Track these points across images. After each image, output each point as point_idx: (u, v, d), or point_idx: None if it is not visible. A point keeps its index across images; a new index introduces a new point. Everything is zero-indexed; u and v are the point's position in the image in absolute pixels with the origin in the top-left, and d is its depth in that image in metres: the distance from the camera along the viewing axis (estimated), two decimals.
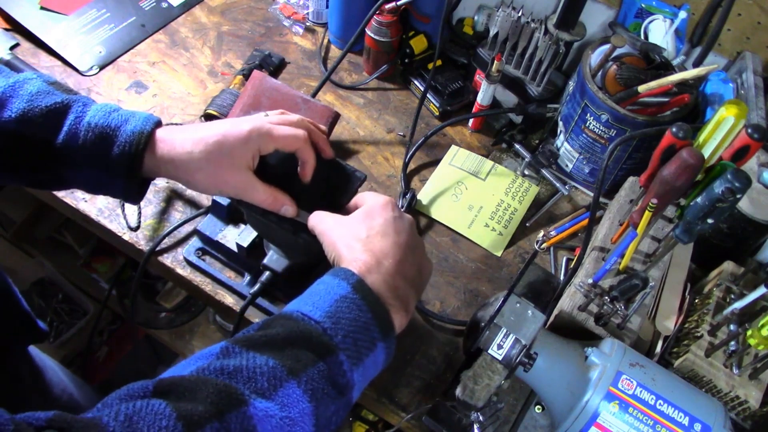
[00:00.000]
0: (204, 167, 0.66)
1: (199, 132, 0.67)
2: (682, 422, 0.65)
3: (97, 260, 1.69)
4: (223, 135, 0.66)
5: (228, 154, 0.66)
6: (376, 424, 1.40)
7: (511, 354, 0.68)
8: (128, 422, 0.41)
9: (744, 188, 0.62)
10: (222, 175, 0.67)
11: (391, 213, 0.65)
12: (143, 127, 0.66)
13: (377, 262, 0.60)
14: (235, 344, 0.51)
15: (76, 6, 1.17)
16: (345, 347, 0.53)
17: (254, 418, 0.46)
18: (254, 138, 0.66)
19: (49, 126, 0.64)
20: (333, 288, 0.57)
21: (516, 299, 0.73)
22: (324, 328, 0.53)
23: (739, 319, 0.75)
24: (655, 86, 0.92)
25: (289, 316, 0.55)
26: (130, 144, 0.65)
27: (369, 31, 1.11)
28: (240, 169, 0.67)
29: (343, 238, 0.63)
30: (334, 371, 0.52)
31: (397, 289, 0.60)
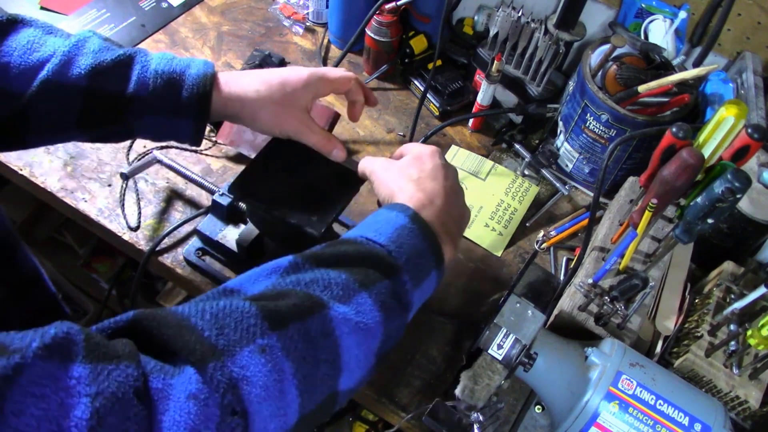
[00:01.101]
0: (268, 106, 0.70)
1: (263, 75, 0.72)
2: (682, 422, 0.65)
3: (97, 260, 1.69)
4: (286, 77, 0.71)
5: (291, 94, 0.71)
6: (376, 424, 1.40)
7: (511, 354, 0.68)
8: (215, 320, 0.43)
9: (744, 188, 0.62)
10: (284, 114, 0.71)
11: (439, 160, 0.68)
12: (206, 69, 0.69)
13: (429, 200, 0.63)
14: (304, 260, 0.53)
15: (76, 6, 1.17)
16: (408, 269, 0.57)
17: (333, 321, 0.49)
18: (313, 81, 0.72)
19: (119, 78, 0.67)
20: (392, 218, 0.60)
21: (516, 299, 0.73)
22: (389, 250, 0.57)
23: (739, 319, 0.75)
24: (655, 86, 0.92)
25: (354, 240, 0.58)
26: (198, 86, 0.68)
27: (369, 31, 1.11)
28: (300, 109, 0.72)
29: (395, 179, 0.66)
30: (399, 289, 0.56)
31: (447, 225, 0.64)
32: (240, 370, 0.42)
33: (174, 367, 0.40)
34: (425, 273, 0.59)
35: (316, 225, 0.71)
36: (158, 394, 0.38)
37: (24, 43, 0.65)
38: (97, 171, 0.99)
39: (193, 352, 0.41)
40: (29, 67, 0.64)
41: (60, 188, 0.96)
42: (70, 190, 0.96)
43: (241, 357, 0.42)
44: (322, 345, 0.48)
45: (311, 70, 0.73)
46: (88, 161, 0.99)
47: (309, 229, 0.71)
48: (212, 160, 1.03)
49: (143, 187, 0.98)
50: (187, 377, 0.39)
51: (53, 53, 0.65)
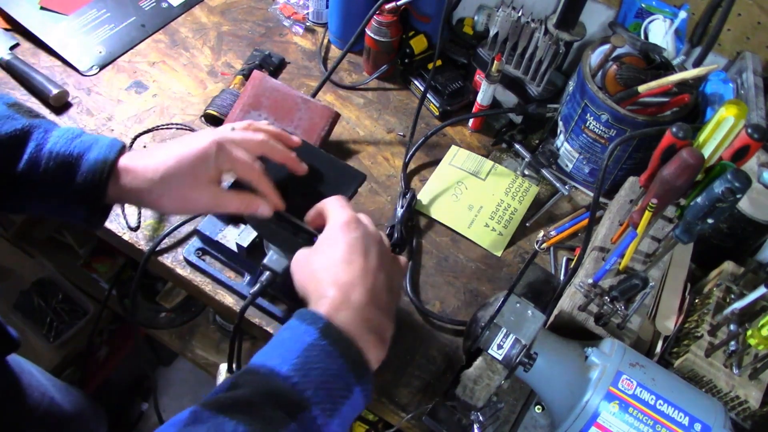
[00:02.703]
0: (167, 192, 0.65)
1: (159, 156, 0.65)
2: (682, 422, 0.65)
3: (97, 260, 1.69)
4: (182, 154, 0.65)
5: (189, 173, 0.65)
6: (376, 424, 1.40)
7: (511, 354, 0.68)
8: None
9: (744, 188, 0.62)
10: (187, 195, 0.66)
11: (353, 233, 0.61)
12: (107, 155, 0.64)
13: (345, 296, 0.57)
14: (204, 409, 0.48)
15: (76, 6, 1.17)
16: (318, 401, 0.50)
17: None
18: (211, 154, 0.65)
19: (9, 155, 0.62)
20: (300, 335, 0.54)
21: (516, 299, 0.73)
22: (293, 383, 0.50)
23: (739, 319, 0.75)
24: (655, 86, 0.92)
25: (256, 371, 0.52)
26: (93, 173, 0.63)
27: (369, 31, 1.11)
28: (203, 186, 0.66)
29: (308, 275, 0.61)
30: (309, 428, 0.49)
31: (370, 321, 0.57)
32: None
33: None
34: (343, 396, 0.52)
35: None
36: None
37: None
38: None
39: None
40: None
41: None
42: None
43: None
44: None
45: (211, 140, 0.65)
46: None
47: (306, 231, 0.71)
48: None
49: None
50: None
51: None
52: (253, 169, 0.68)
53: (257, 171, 0.69)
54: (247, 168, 0.68)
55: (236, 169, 0.68)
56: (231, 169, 0.68)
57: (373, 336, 0.56)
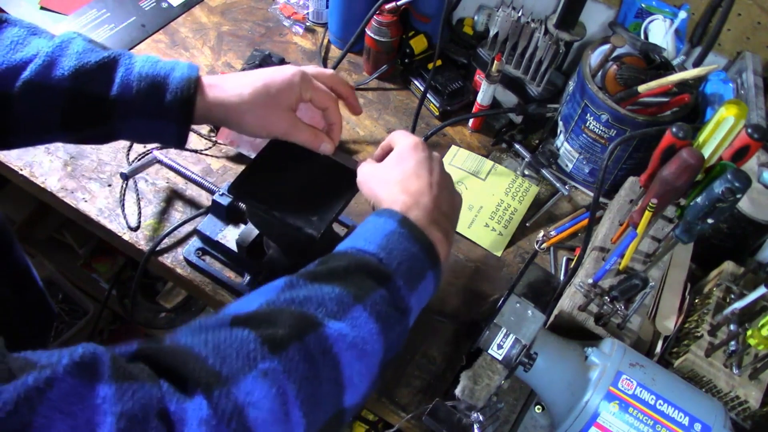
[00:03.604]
0: (253, 110, 0.70)
1: (247, 78, 0.71)
2: (682, 422, 0.65)
3: (97, 260, 1.69)
4: (269, 79, 0.71)
5: (275, 96, 0.70)
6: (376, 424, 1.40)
7: (511, 354, 0.68)
8: (217, 349, 0.44)
9: (744, 188, 0.62)
10: (269, 117, 0.71)
11: (422, 153, 0.67)
12: (190, 73, 0.69)
13: (415, 200, 0.63)
14: (299, 278, 0.54)
15: (76, 6, 1.17)
16: (401, 274, 0.57)
17: (330, 338, 0.49)
18: (297, 82, 0.71)
19: (103, 80, 0.66)
20: (381, 225, 0.60)
21: (516, 299, 0.73)
22: (380, 258, 0.57)
23: (739, 319, 0.75)
24: (655, 86, 0.92)
25: (345, 252, 0.58)
26: (182, 89, 0.68)
27: (369, 31, 1.11)
28: (285, 110, 0.71)
29: (379, 185, 0.67)
30: (394, 295, 0.56)
31: (438, 222, 0.64)
32: (245, 396, 0.42)
33: (184, 394, 0.41)
34: (420, 275, 0.59)
35: (315, 225, 0.71)
36: (175, 416, 0.39)
37: (7, 42, 0.65)
38: (97, 171, 0.99)
39: (199, 380, 0.42)
40: (12, 67, 0.64)
41: (60, 188, 0.96)
42: (70, 190, 0.96)
43: (245, 383, 0.43)
44: (323, 363, 0.48)
45: (295, 71, 0.72)
46: (88, 161, 0.99)
47: (309, 229, 0.71)
48: (212, 160, 1.03)
49: (143, 187, 0.98)
50: (197, 404, 0.40)
51: (36, 54, 0.65)
52: (331, 97, 0.75)
53: (334, 100, 0.76)
54: (325, 97, 0.74)
55: (316, 97, 0.74)
56: (311, 98, 0.74)
57: (441, 234, 0.63)
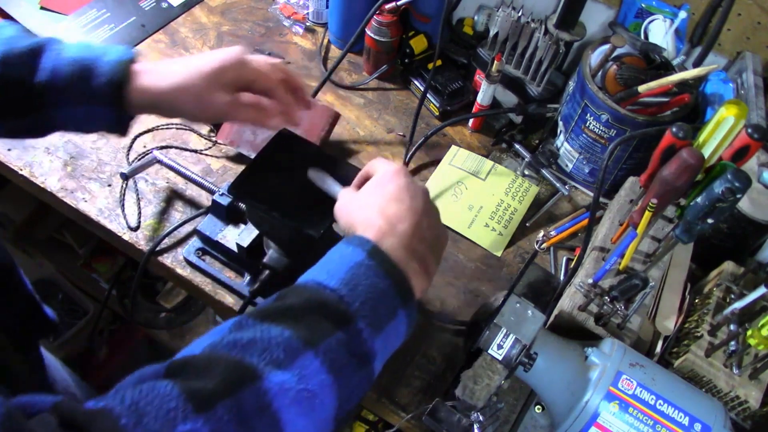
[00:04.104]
0: (187, 94, 0.68)
1: (181, 62, 0.69)
2: (682, 422, 0.65)
3: (97, 260, 1.69)
4: (204, 62, 0.69)
5: (208, 77, 0.68)
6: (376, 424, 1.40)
7: (511, 354, 0.68)
8: (134, 407, 0.39)
9: (744, 188, 0.62)
10: (205, 99, 0.69)
11: (404, 178, 0.63)
12: (123, 56, 0.67)
13: (392, 225, 0.58)
14: (249, 317, 0.49)
15: (76, 6, 1.17)
16: (364, 314, 0.51)
17: (270, 393, 0.43)
18: (231, 62, 0.69)
19: (31, 65, 0.64)
20: (348, 255, 0.54)
21: (516, 299, 0.73)
22: (340, 295, 0.51)
23: (739, 319, 0.75)
24: (655, 86, 0.92)
25: (304, 286, 0.53)
26: (113, 73, 0.65)
27: (369, 31, 1.11)
28: (221, 91, 0.69)
29: (357, 209, 0.62)
30: (354, 340, 0.50)
31: (415, 251, 0.58)
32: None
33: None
34: (389, 315, 0.53)
35: (315, 225, 0.71)
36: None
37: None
38: (97, 171, 0.99)
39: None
40: None
41: (60, 188, 0.96)
42: (70, 190, 0.96)
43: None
44: (259, 423, 0.42)
45: (230, 52, 0.70)
46: (88, 161, 0.99)
47: (308, 229, 0.71)
48: (212, 160, 1.03)
49: (143, 187, 0.98)
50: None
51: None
52: (271, 78, 0.72)
53: (276, 81, 0.72)
54: (266, 77, 0.72)
55: (257, 77, 0.71)
56: (252, 78, 0.71)
57: (418, 265, 0.57)
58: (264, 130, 1.01)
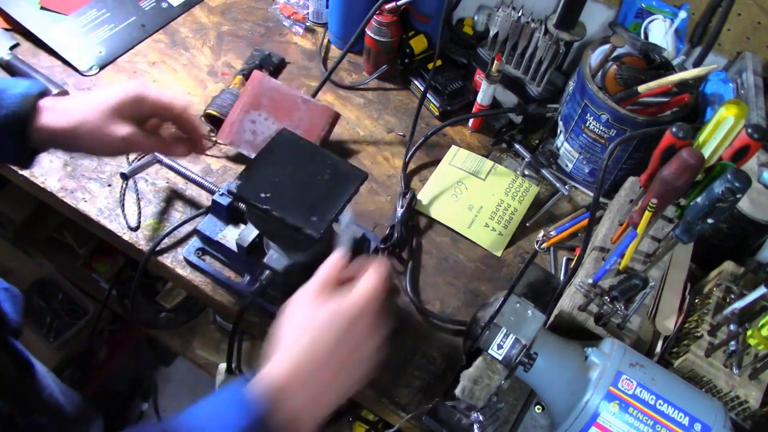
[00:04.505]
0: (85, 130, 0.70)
1: (80, 99, 0.71)
2: (682, 422, 0.65)
3: (97, 260, 1.69)
4: (101, 100, 0.71)
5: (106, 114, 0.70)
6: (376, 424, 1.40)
7: (511, 354, 0.68)
8: None
9: (744, 188, 0.62)
10: (104, 134, 0.70)
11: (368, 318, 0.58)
12: (29, 91, 0.69)
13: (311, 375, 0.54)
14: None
15: (76, 6, 1.17)
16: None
17: None
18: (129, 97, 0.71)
19: None
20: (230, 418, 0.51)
21: (516, 299, 0.73)
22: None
23: (739, 319, 0.75)
24: (655, 86, 0.92)
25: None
26: (16, 105, 0.67)
27: (369, 31, 1.11)
28: (120, 125, 0.71)
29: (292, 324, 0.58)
30: None
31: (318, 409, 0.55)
32: None
33: None
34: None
35: (315, 226, 0.71)
36: None
37: None
38: (97, 171, 0.99)
39: None
40: None
41: (60, 188, 0.96)
42: (70, 190, 0.96)
43: None
44: None
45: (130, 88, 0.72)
46: (88, 161, 0.99)
47: (308, 229, 0.71)
48: (212, 160, 1.03)
49: (143, 187, 0.98)
50: None
51: None
52: (172, 108, 0.74)
53: (179, 108, 0.74)
54: (164, 109, 0.73)
55: (157, 111, 0.73)
56: (152, 112, 0.73)
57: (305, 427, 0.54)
58: (264, 130, 1.01)
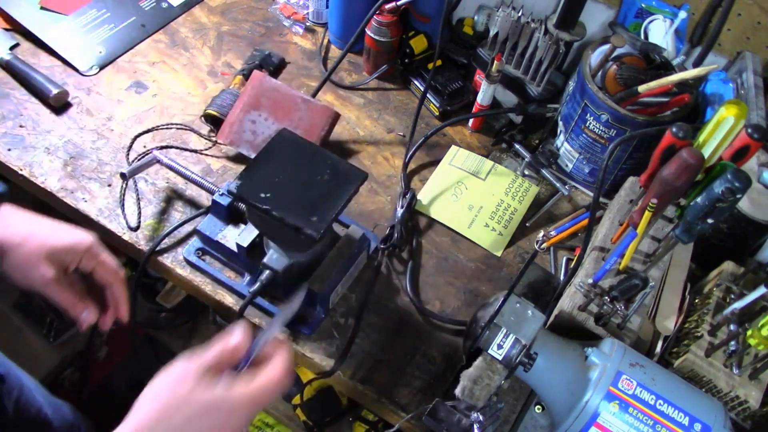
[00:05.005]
0: (17, 254, 0.70)
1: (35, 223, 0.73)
2: (682, 422, 0.65)
3: None
4: (52, 234, 0.72)
5: (46, 251, 0.70)
6: (376, 424, 1.40)
7: (511, 354, 0.68)
8: None
9: (744, 188, 0.62)
10: (30, 267, 0.70)
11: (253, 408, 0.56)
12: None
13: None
14: None
15: (76, 6, 1.17)
16: None
17: None
18: (82, 246, 0.72)
19: None
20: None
21: (516, 299, 0.73)
22: None
23: (739, 319, 0.75)
24: (655, 86, 0.92)
25: None
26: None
27: (369, 31, 1.11)
28: (49, 266, 0.71)
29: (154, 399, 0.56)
30: None
31: None
32: None
33: None
34: None
35: (315, 226, 0.71)
36: None
37: None
38: (97, 171, 0.99)
39: None
40: None
41: (60, 188, 0.96)
42: (70, 190, 0.96)
43: None
44: None
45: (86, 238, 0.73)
46: (88, 161, 0.99)
47: (308, 229, 0.71)
48: (212, 160, 1.03)
49: (143, 187, 0.98)
50: None
51: None
52: (115, 273, 0.75)
53: (119, 278, 0.75)
54: (109, 271, 0.75)
55: (98, 269, 0.74)
56: (93, 268, 0.74)
57: None
58: (264, 130, 1.01)
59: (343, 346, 0.85)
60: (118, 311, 0.77)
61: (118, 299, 0.76)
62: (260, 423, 1.47)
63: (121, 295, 0.76)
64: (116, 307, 0.77)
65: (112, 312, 0.77)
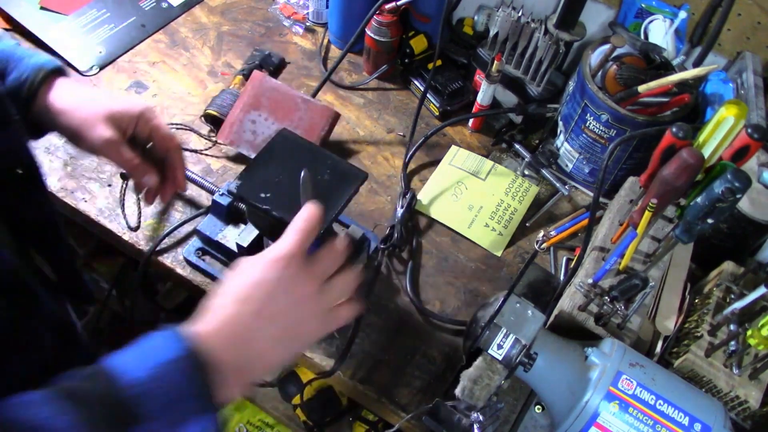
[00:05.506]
0: (75, 117, 0.71)
1: (91, 90, 0.73)
2: (682, 422, 0.65)
3: (97, 260, 1.69)
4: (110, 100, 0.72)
5: (103, 114, 0.71)
6: (376, 424, 1.40)
7: (511, 354, 0.68)
8: None
9: (744, 188, 0.62)
10: (88, 127, 0.71)
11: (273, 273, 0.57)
12: (44, 65, 0.70)
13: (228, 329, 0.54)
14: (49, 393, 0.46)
15: (76, 6, 1.17)
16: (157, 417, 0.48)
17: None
18: (135, 111, 0.73)
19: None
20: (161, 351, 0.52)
21: (516, 299, 0.73)
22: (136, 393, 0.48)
23: (739, 319, 0.75)
24: (655, 86, 0.92)
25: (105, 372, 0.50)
26: (27, 74, 0.68)
27: (369, 31, 1.11)
28: (106, 127, 0.71)
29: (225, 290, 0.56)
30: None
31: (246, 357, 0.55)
32: None
33: None
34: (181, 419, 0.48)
35: None
36: None
37: None
38: (97, 171, 0.99)
39: None
40: None
41: (60, 188, 0.96)
42: (70, 190, 0.96)
43: None
44: None
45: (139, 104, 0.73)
46: (88, 161, 0.99)
47: None
48: (212, 160, 1.03)
49: None
50: None
51: None
52: (172, 140, 0.74)
53: (176, 145, 0.75)
54: (166, 137, 0.74)
55: (155, 135, 0.74)
56: (149, 133, 0.74)
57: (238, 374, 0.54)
58: (264, 130, 1.01)
59: (343, 346, 0.85)
60: (176, 181, 0.78)
61: (176, 167, 0.77)
62: (260, 423, 1.47)
63: (179, 162, 0.76)
64: (174, 178, 0.77)
65: (171, 184, 0.77)
